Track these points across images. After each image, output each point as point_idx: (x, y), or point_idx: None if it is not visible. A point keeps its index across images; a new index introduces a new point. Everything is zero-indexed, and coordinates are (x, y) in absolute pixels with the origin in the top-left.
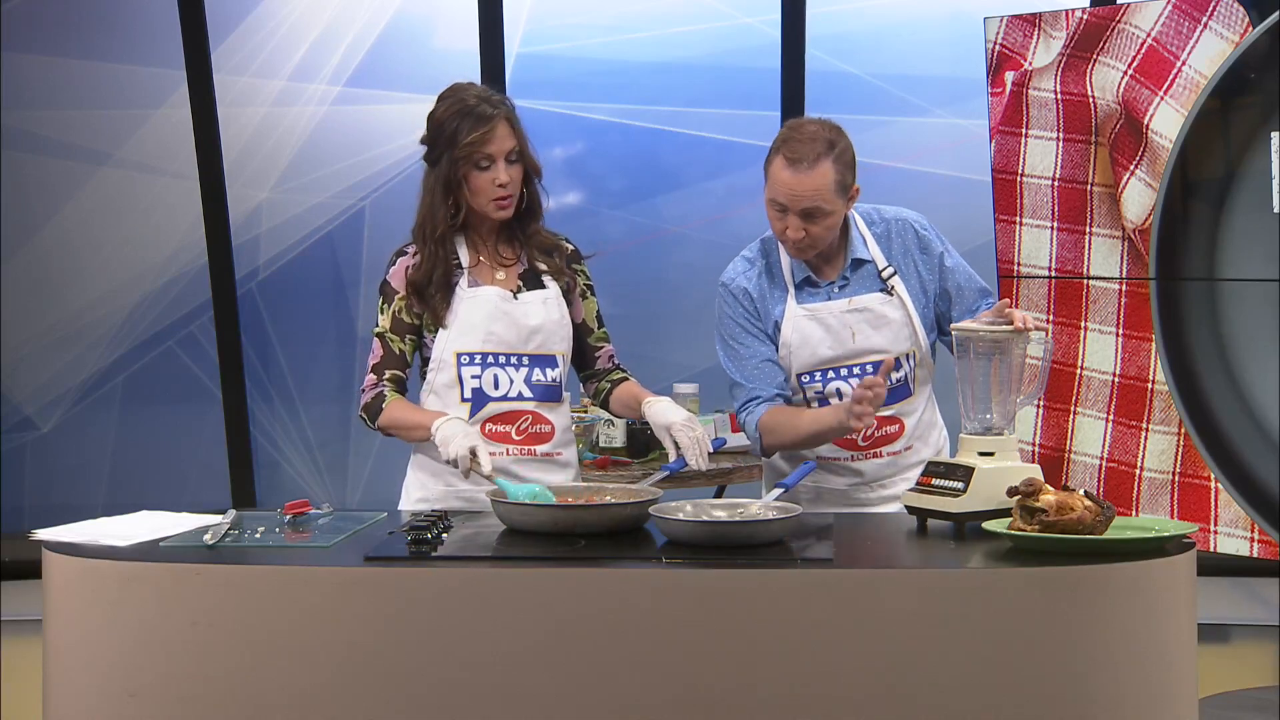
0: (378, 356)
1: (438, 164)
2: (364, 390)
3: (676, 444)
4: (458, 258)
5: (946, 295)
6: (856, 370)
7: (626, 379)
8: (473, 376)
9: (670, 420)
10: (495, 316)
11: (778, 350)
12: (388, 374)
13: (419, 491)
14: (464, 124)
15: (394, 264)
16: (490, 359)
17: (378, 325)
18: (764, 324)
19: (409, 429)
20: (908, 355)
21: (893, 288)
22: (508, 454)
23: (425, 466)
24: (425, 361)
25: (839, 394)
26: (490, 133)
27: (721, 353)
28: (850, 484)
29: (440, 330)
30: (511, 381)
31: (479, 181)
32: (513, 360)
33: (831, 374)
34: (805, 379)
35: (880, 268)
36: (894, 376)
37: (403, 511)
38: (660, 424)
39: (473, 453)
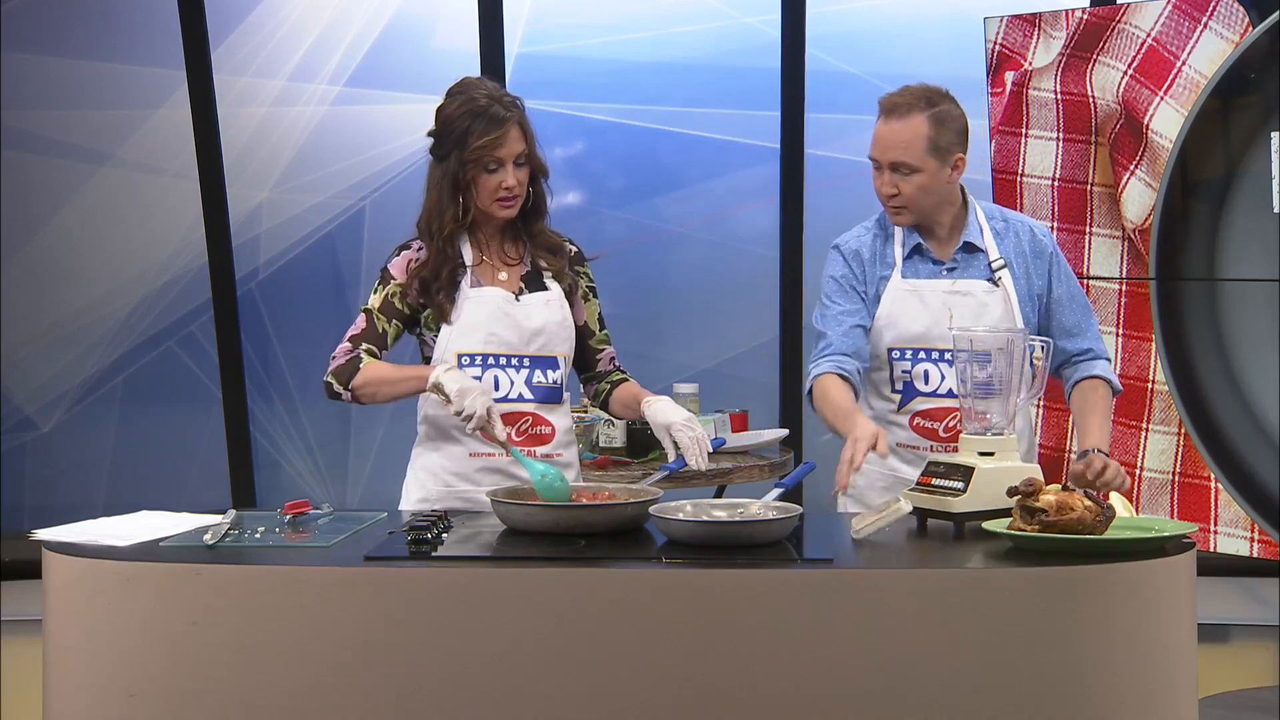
0: (359, 329)
1: (445, 160)
2: (334, 357)
3: (676, 444)
4: (462, 256)
5: (1048, 309)
6: (948, 355)
7: (626, 379)
8: (473, 377)
9: (670, 420)
10: (497, 318)
11: (873, 321)
12: (364, 346)
13: (419, 492)
14: (475, 125)
15: (397, 255)
16: (491, 360)
17: (367, 303)
18: (867, 287)
19: (397, 381)
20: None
21: (999, 279)
22: (508, 455)
23: (426, 466)
24: (427, 361)
25: (926, 376)
26: (502, 137)
27: (816, 313)
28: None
29: (442, 329)
30: (512, 383)
31: (485, 183)
32: (513, 361)
33: (923, 354)
34: (895, 354)
35: (991, 259)
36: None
37: (403, 511)
38: (660, 424)
39: (489, 414)
